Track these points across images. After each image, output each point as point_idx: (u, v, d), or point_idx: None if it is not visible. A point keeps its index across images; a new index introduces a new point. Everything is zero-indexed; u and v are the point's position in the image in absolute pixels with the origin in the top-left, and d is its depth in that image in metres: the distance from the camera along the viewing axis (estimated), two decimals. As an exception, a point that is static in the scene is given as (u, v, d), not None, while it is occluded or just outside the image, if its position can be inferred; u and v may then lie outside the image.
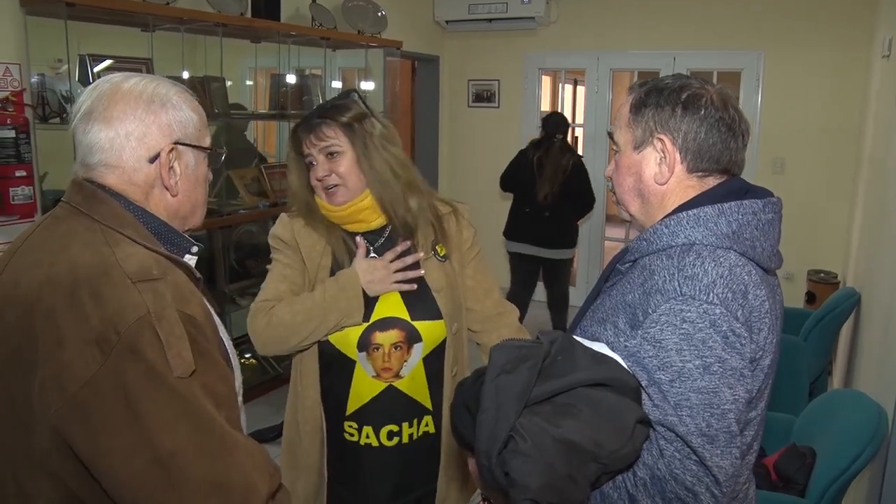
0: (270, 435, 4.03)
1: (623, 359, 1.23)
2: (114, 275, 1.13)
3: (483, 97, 6.96)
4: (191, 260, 1.36)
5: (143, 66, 3.70)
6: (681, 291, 1.19)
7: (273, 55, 4.71)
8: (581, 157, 5.39)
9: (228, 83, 4.48)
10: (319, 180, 1.83)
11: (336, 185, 1.82)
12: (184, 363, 1.10)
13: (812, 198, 5.74)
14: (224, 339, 1.32)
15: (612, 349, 1.26)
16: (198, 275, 1.29)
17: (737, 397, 1.18)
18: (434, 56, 6.86)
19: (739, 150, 1.35)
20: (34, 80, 3.40)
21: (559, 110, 8.73)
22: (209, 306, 1.39)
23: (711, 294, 1.18)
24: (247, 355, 4.71)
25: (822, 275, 5.45)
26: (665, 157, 1.32)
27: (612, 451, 1.14)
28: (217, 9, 4.07)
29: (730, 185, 1.35)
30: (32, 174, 3.29)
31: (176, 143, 1.28)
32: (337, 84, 5.67)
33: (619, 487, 1.23)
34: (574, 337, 1.28)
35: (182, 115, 1.30)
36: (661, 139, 1.32)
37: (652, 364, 1.19)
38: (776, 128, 5.84)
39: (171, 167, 1.28)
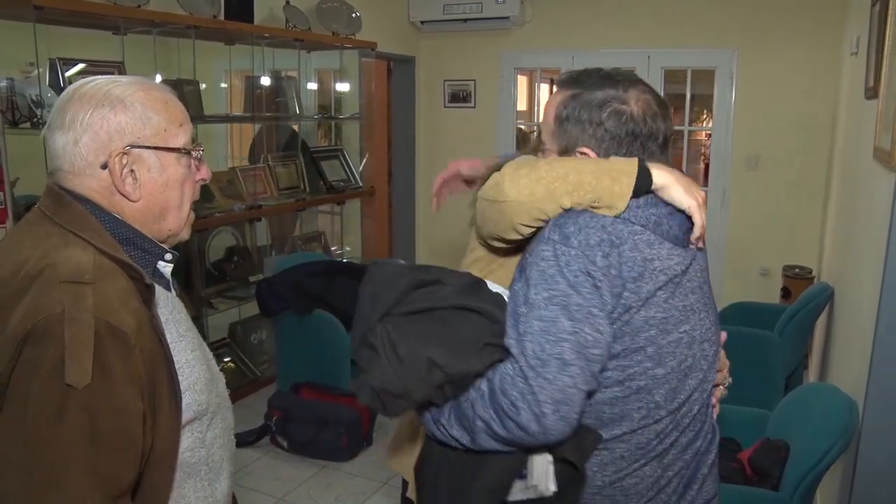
0: (248, 439, 4.02)
1: (510, 299, 1.36)
2: (45, 276, 1.12)
3: (459, 97, 6.96)
4: (165, 267, 1.34)
5: (115, 69, 3.67)
6: (548, 236, 1.31)
7: (247, 57, 4.69)
8: None
9: (202, 86, 4.45)
10: None
11: None
12: (81, 371, 1.05)
13: (787, 194, 5.79)
14: (183, 352, 1.29)
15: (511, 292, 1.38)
16: (148, 280, 1.22)
17: (577, 330, 1.25)
18: (410, 56, 6.85)
19: (654, 154, 1.41)
20: (2, 84, 3.35)
21: (535, 109, 8.72)
22: (182, 314, 1.37)
23: (572, 239, 1.28)
24: (226, 359, 4.69)
25: (797, 270, 5.50)
26: None
27: (451, 363, 1.31)
28: (189, 11, 4.04)
29: None
30: (3, 179, 3.25)
31: (129, 146, 1.23)
32: (312, 85, 5.66)
33: (467, 399, 1.33)
34: (484, 280, 1.44)
35: (136, 115, 1.24)
36: (583, 152, 1.41)
37: (518, 299, 1.31)
38: (750, 125, 5.89)
39: (131, 171, 1.24)
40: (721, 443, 2.80)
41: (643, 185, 1.33)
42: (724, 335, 1.58)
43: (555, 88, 1.47)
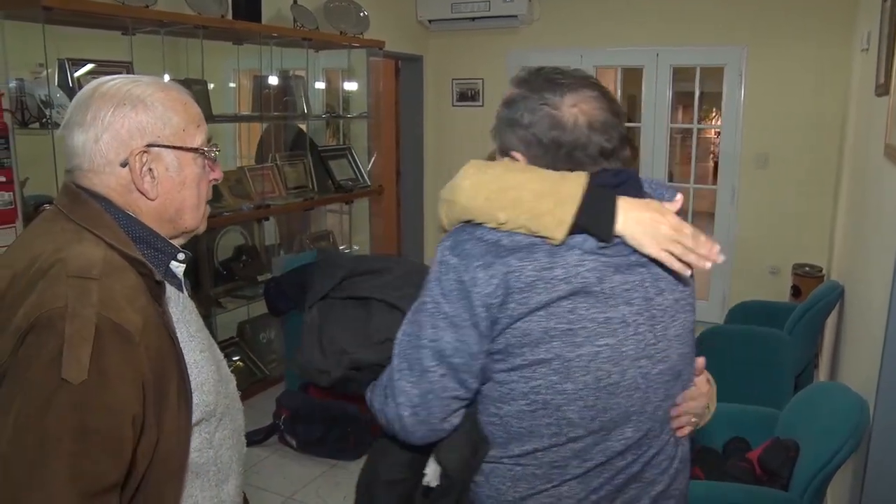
0: (256, 438, 4.02)
1: None
2: (55, 270, 1.13)
3: (467, 96, 6.96)
4: (177, 267, 1.35)
5: (123, 69, 3.68)
6: (440, 243, 1.30)
7: (255, 57, 4.69)
8: None
9: (211, 86, 4.46)
10: None
11: None
12: (77, 367, 1.05)
13: (796, 192, 5.77)
14: (193, 352, 1.30)
15: None
16: (158, 277, 1.24)
17: (438, 338, 1.26)
18: (417, 55, 6.85)
19: (585, 165, 1.30)
20: (12, 84, 3.37)
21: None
22: (194, 315, 1.38)
23: (457, 248, 1.26)
24: (234, 358, 4.70)
25: (806, 268, 5.48)
26: None
27: (358, 351, 1.45)
28: (197, 11, 4.05)
29: None
30: (12, 179, 3.26)
31: (150, 145, 1.25)
32: (320, 85, 5.65)
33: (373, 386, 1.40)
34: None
35: (157, 115, 1.26)
36: (514, 156, 1.35)
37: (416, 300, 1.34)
38: (759, 122, 5.87)
39: (149, 170, 1.26)
40: (730, 442, 2.81)
41: (603, 225, 1.23)
42: (700, 361, 1.46)
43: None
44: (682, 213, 1.32)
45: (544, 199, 1.22)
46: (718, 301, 6.17)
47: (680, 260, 1.27)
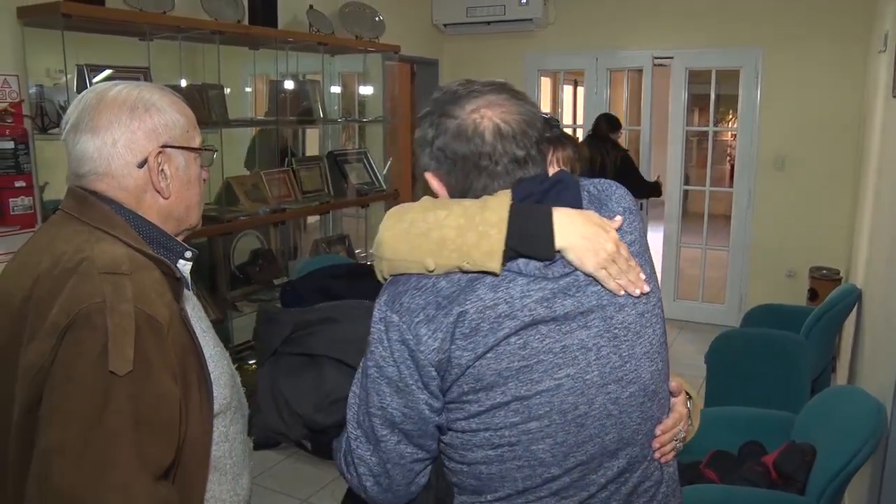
0: (271, 441, 4.03)
1: None
2: (84, 268, 1.16)
3: (482, 99, 6.96)
4: (185, 266, 1.38)
5: (141, 74, 3.71)
6: (378, 299, 1.20)
7: (271, 61, 4.72)
8: (627, 151, 5.91)
9: (227, 90, 4.49)
10: None
11: None
12: (123, 359, 1.08)
13: (813, 194, 5.73)
14: (207, 347, 1.33)
15: None
16: (178, 274, 1.29)
17: (385, 406, 1.19)
18: (433, 59, 6.87)
19: (499, 177, 1.20)
20: (32, 90, 3.41)
21: (559, 111, 8.72)
22: (202, 312, 1.41)
23: (396, 303, 1.16)
24: (250, 361, 4.72)
25: (823, 271, 5.44)
26: (441, 192, 1.29)
27: (306, 413, 1.42)
28: (214, 16, 4.09)
29: None
30: (32, 184, 3.31)
31: (164, 146, 1.30)
32: (336, 89, 5.68)
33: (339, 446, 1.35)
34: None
35: (168, 118, 1.31)
36: (428, 178, 1.29)
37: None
38: (776, 125, 5.84)
39: (162, 170, 1.30)
40: (746, 446, 2.80)
41: (540, 245, 1.14)
42: (674, 384, 1.36)
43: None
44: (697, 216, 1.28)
45: (469, 232, 1.14)
46: (735, 304, 6.14)
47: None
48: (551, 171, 1.27)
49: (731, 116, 10.68)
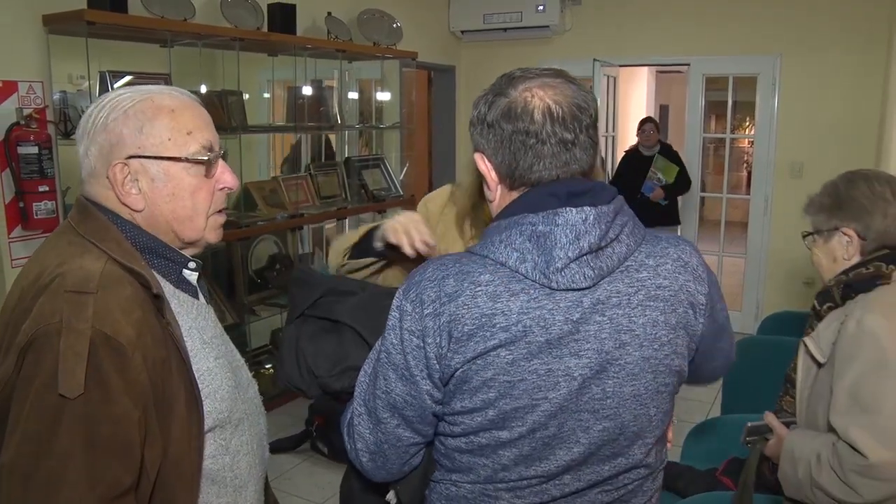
0: (285, 445, 4.06)
1: None
2: (54, 285, 1.14)
3: (499, 106, 6.97)
4: (190, 275, 1.35)
5: (161, 81, 3.75)
6: (399, 288, 1.26)
7: (290, 67, 4.76)
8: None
9: (246, 96, 4.53)
10: None
11: None
12: (72, 382, 1.06)
13: (831, 202, 5.69)
14: (205, 360, 1.30)
15: None
16: (155, 290, 1.21)
17: (389, 391, 1.24)
18: (450, 66, 6.89)
19: (545, 158, 1.19)
20: (56, 97, 3.47)
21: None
22: (209, 321, 1.38)
23: (411, 292, 1.20)
24: (267, 365, 4.75)
25: (842, 279, 5.40)
26: (489, 175, 1.27)
27: (321, 374, 1.54)
28: (234, 23, 4.13)
29: (525, 198, 1.22)
30: (55, 189, 3.36)
31: (130, 157, 1.23)
32: (353, 95, 5.72)
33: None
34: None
35: (136, 127, 1.23)
36: (476, 157, 1.27)
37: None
38: (794, 131, 5.82)
39: (135, 181, 1.24)
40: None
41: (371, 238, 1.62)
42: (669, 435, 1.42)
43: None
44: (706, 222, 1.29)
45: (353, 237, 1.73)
46: (752, 312, 6.11)
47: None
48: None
49: (748, 123, 10.64)
